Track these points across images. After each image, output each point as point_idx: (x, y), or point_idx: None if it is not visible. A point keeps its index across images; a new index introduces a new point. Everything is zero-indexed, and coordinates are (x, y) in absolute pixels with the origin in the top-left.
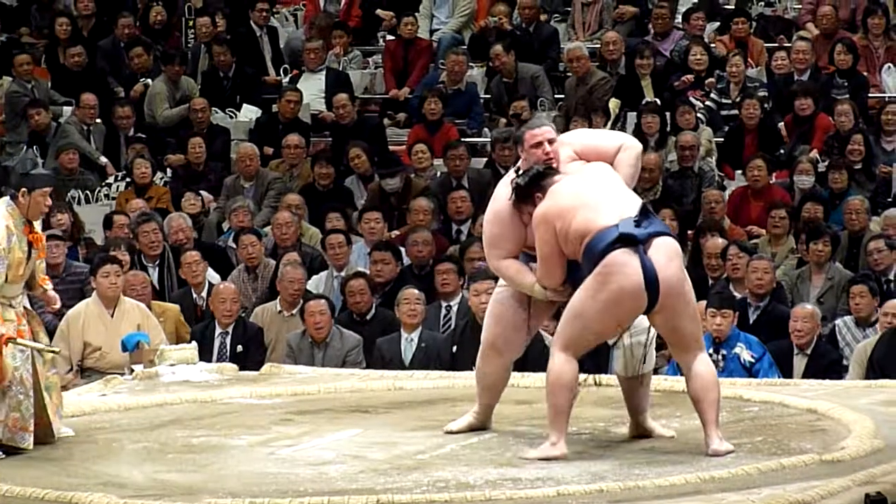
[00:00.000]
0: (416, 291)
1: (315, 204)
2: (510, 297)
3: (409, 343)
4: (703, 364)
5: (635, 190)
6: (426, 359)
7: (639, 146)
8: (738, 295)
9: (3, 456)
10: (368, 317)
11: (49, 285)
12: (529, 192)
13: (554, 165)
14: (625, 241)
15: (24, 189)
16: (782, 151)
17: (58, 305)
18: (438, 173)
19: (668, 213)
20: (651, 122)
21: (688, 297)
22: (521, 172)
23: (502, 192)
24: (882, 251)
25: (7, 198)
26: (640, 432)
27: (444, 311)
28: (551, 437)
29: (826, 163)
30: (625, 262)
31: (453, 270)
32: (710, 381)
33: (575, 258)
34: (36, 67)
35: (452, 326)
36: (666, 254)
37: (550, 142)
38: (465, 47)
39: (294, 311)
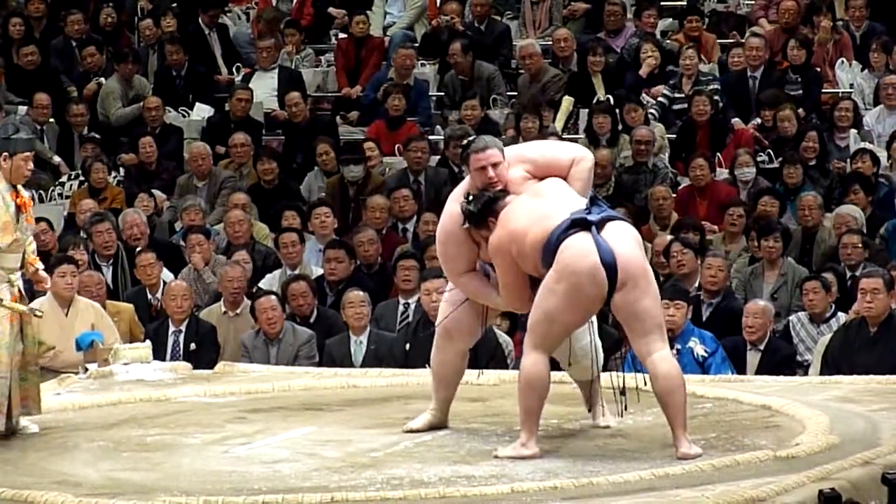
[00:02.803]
0: (361, 293)
1: (263, 202)
2: None
3: (358, 345)
4: (667, 362)
5: None
6: (377, 360)
7: (591, 157)
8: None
9: None
10: (312, 319)
11: (40, 265)
12: (483, 217)
13: (498, 188)
14: (577, 225)
15: (5, 153)
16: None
17: (48, 285)
18: (388, 170)
19: (620, 210)
20: (602, 122)
21: (649, 276)
22: (471, 198)
23: (452, 210)
24: (857, 247)
25: None
26: (595, 425)
27: (401, 309)
28: (522, 437)
29: (780, 159)
30: (578, 245)
31: (415, 268)
32: (676, 383)
33: (538, 274)
34: None
35: (410, 324)
36: (621, 234)
37: (494, 165)
38: (415, 43)
39: (238, 311)
